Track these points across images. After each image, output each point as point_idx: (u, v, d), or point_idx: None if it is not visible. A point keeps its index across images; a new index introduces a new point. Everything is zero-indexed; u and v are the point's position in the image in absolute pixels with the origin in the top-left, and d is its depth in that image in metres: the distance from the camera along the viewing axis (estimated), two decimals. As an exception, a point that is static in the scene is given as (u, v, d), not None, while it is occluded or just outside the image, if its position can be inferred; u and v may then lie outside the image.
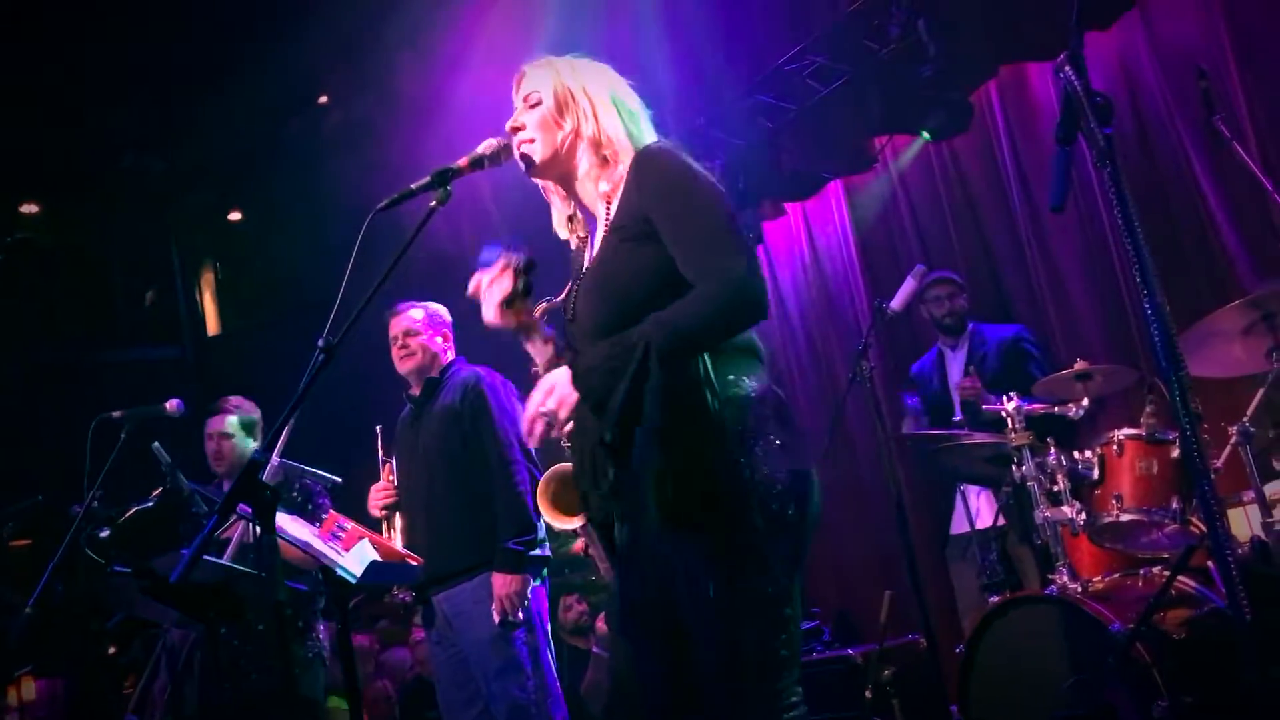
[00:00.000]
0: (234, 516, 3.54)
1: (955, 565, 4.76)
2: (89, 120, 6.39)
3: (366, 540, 2.75)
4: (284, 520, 2.63)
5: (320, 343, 2.25)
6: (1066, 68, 1.87)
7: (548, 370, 2.33)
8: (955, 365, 4.90)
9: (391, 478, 3.97)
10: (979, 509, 4.60)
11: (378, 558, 2.73)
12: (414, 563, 3.02)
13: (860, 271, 6.02)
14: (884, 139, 5.78)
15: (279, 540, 2.16)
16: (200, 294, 8.11)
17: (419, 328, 4.07)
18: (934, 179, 5.63)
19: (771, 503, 1.99)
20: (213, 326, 7.74)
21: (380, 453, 4.02)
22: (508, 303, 2.26)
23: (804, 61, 5.43)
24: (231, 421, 4.39)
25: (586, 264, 2.28)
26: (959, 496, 4.64)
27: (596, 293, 2.18)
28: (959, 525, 4.72)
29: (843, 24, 5.23)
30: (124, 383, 6.52)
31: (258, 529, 2.12)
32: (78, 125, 6.40)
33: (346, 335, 2.24)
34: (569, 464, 2.34)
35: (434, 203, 2.37)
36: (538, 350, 2.32)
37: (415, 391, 4.07)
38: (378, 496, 3.91)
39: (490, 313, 2.27)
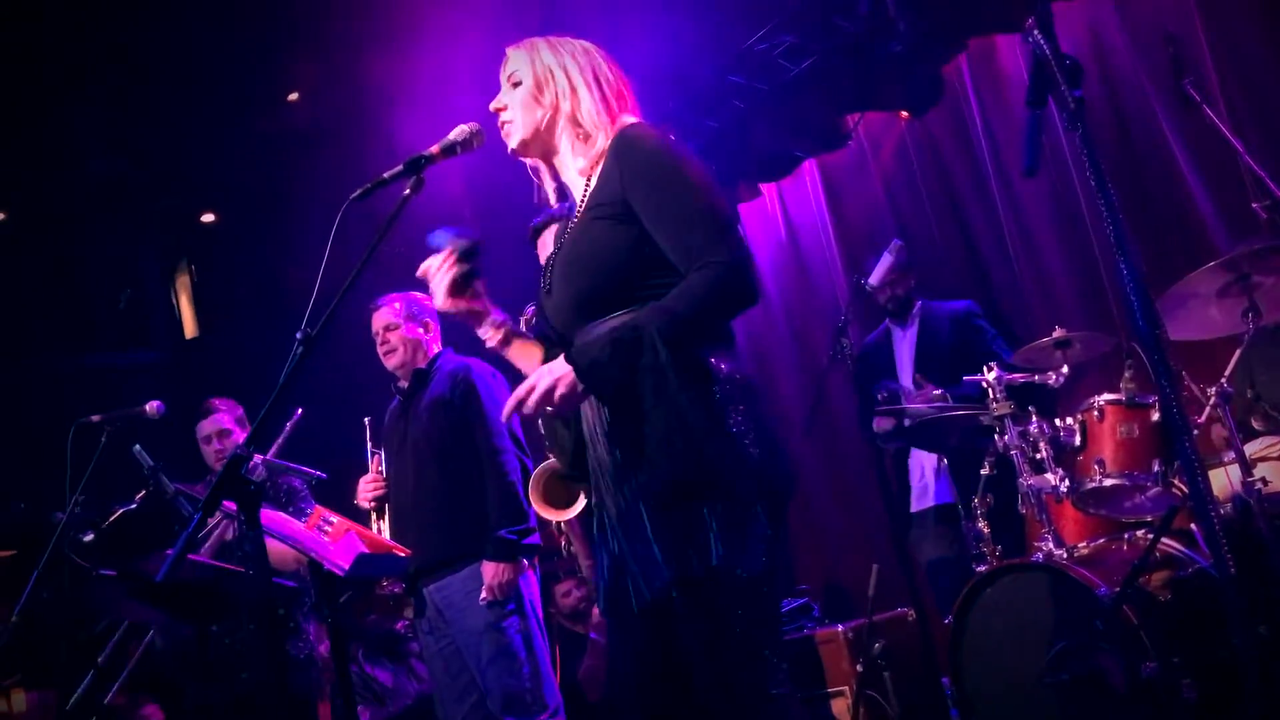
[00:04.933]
0: (217, 514, 3.53)
1: (919, 544, 4.74)
2: (57, 124, 6.31)
3: (354, 533, 2.74)
4: (269, 516, 2.62)
5: (299, 335, 2.26)
6: (1035, 32, 1.87)
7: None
8: (904, 346, 4.83)
9: (380, 469, 3.96)
10: (928, 484, 4.62)
11: (365, 550, 2.72)
12: (402, 554, 3.02)
13: (837, 249, 6.03)
14: (856, 116, 5.78)
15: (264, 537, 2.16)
16: (176, 297, 8.04)
17: (397, 320, 4.06)
18: (907, 153, 5.64)
19: (740, 481, 2.00)
20: (190, 329, 7.68)
21: (369, 444, 4.01)
22: (454, 289, 2.26)
23: (774, 41, 5.43)
24: (227, 418, 4.44)
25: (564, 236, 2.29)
26: (922, 469, 4.65)
27: (571, 270, 2.18)
28: (919, 502, 4.72)
29: (812, 2, 5.23)
30: (101, 388, 6.46)
31: (242, 525, 2.11)
32: (46, 129, 6.32)
33: (325, 326, 2.24)
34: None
35: (407, 191, 2.38)
36: (489, 336, 2.33)
37: (404, 383, 4.06)
38: (367, 488, 3.90)
39: (439, 299, 2.27)
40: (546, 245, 3.50)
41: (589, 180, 2.25)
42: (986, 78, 5.27)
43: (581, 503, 3.27)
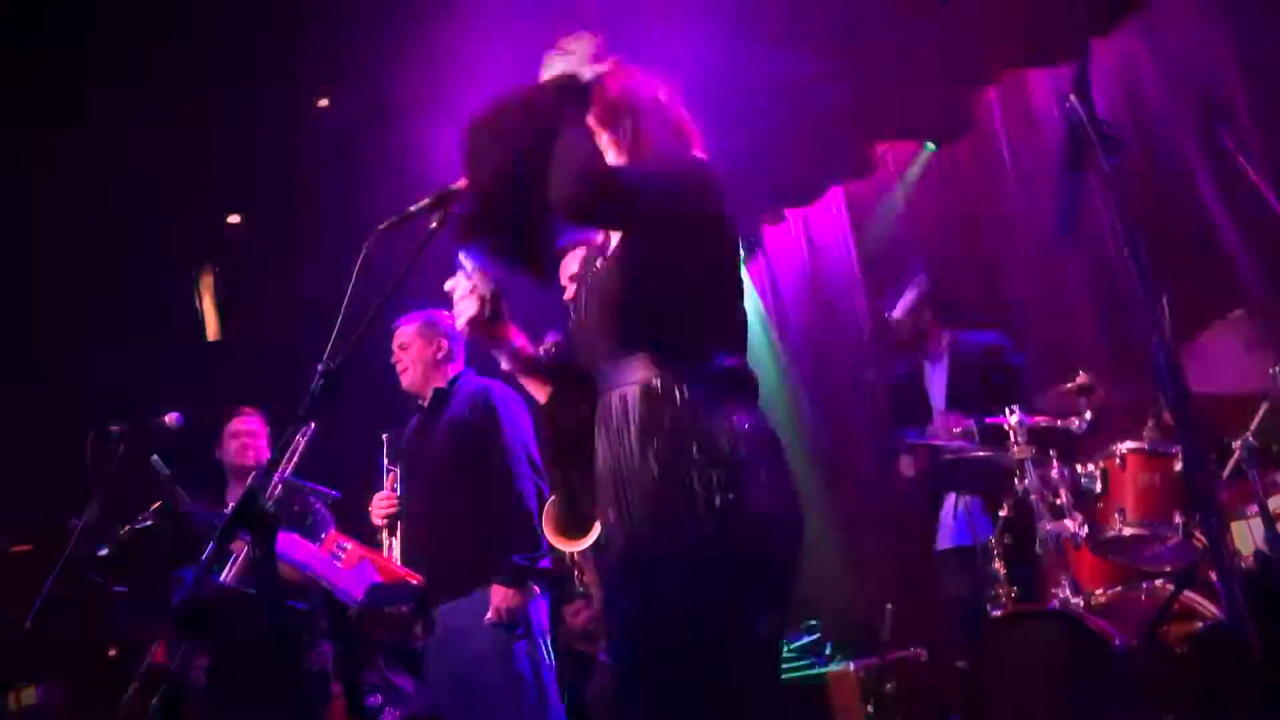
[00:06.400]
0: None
1: (944, 581, 4.68)
2: (87, 120, 6.33)
3: (367, 561, 2.74)
4: (284, 540, 2.62)
5: (319, 367, 2.26)
6: (1072, 96, 1.86)
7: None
8: (936, 380, 4.71)
9: (395, 487, 3.94)
10: (950, 524, 4.57)
11: (378, 579, 2.72)
12: (414, 582, 3.02)
13: (861, 277, 6.00)
14: (885, 145, 5.76)
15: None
16: (199, 298, 8.06)
17: (409, 340, 4.06)
18: (935, 183, 5.62)
19: (755, 541, 1.99)
20: (212, 331, 7.69)
21: (385, 461, 4.00)
22: (475, 324, 2.30)
23: (804, 66, 5.40)
24: (260, 421, 4.48)
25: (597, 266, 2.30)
26: (950, 508, 4.60)
27: (604, 305, 2.19)
28: (942, 541, 4.66)
29: (843, 28, 5.21)
30: (121, 388, 6.47)
31: (257, 555, 2.11)
32: (74, 124, 6.35)
33: (347, 360, 2.25)
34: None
35: (434, 224, 2.38)
36: (507, 363, 2.38)
37: (424, 402, 4.06)
38: (380, 506, 3.88)
39: (460, 325, 2.32)
40: (569, 267, 3.51)
41: None
42: (1017, 110, 5.25)
43: (595, 534, 3.27)
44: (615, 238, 2.28)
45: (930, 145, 5.57)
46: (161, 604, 2.92)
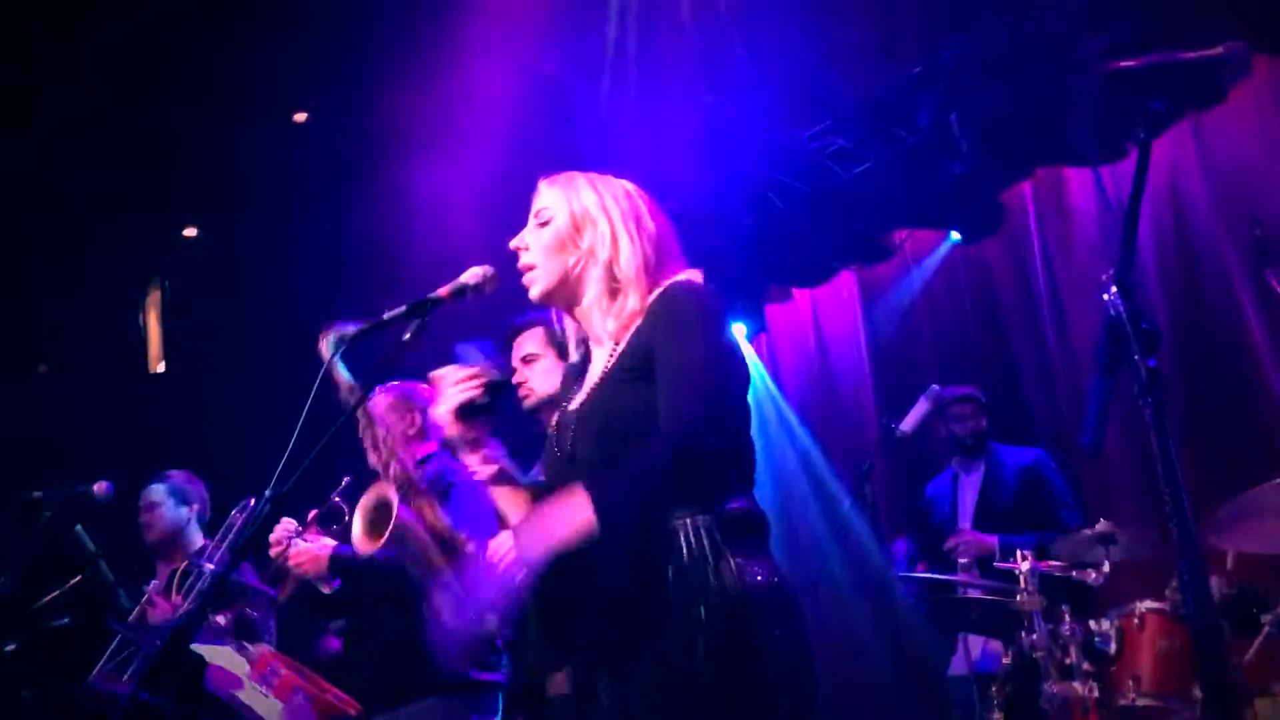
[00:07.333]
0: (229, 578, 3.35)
1: (953, 711, 4.62)
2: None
3: (301, 694, 2.63)
4: (214, 670, 2.51)
5: (268, 493, 2.20)
6: (1113, 288, 1.79)
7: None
8: (968, 491, 4.74)
9: (309, 523, 3.76)
10: (983, 649, 4.49)
11: (311, 717, 2.61)
12: (351, 712, 2.90)
13: (870, 370, 5.92)
14: (905, 233, 5.72)
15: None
16: (145, 317, 7.89)
17: (381, 414, 3.96)
18: (956, 280, 5.56)
19: (770, 701, 1.92)
20: (155, 361, 7.52)
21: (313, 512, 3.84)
22: (464, 412, 2.23)
23: (826, 141, 5.37)
24: (159, 490, 4.32)
25: (582, 395, 2.21)
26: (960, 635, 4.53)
27: (599, 432, 2.10)
28: (958, 665, 4.59)
29: (871, 106, 5.18)
30: (50, 420, 6.32)
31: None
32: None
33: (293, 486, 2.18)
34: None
35: (407, 335, 2.31)
36: (478, 469, 2.29)
37: (385, 481, 3.95)
38: (278, 532, 3.67)
39: (442, 413, 2.25)
40: (523, 347, 3.45)
41: (619, 338, 2.17)
42: (1051, 210, 5.21)
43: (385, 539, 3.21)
44: (601, 358, 2.20)
45: (955, 235, 5.52)
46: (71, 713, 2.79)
